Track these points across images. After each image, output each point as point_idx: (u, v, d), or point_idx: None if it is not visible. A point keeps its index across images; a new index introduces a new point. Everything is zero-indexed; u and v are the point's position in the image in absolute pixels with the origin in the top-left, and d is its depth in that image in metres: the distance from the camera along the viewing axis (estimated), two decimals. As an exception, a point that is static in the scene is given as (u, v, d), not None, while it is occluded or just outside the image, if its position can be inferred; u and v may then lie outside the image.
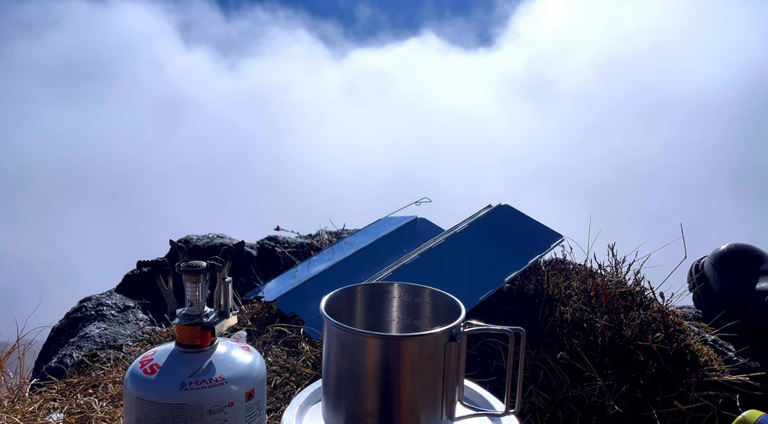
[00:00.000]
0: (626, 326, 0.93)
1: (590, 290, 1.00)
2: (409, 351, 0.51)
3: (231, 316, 0.70)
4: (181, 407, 0.59)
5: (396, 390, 0.52)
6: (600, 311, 0.96)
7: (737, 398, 0.87)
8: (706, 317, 1.09)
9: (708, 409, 0.85)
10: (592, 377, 0.88)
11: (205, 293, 0.66)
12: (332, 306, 0.57)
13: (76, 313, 1.31)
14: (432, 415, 0.53)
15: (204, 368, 0.62)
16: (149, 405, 0.60)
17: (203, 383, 0.60)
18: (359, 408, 0.53)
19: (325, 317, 0.53)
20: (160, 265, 0.68)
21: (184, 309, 0.65)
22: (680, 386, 0.87)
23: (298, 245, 1.48)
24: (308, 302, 1.13)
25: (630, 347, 0.91)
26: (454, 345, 0.53)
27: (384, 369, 0.51)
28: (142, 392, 0.60)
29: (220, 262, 0.69)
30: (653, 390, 0.87)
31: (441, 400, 0.54)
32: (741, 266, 1.07)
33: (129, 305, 1.33)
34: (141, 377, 0.61)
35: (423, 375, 0.52)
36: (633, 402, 0.86)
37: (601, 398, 0.85)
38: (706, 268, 1.11)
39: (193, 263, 0.65)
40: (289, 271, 1.30)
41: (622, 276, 1.05)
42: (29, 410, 0.88)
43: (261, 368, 0.65)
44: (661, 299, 0.99)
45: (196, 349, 0.63)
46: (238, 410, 0.61)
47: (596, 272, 1.07)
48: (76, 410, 0.87)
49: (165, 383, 0.60)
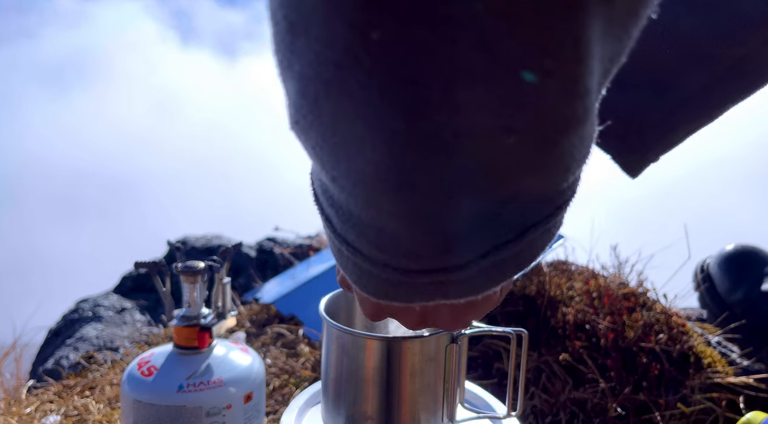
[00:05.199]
0: (629, 328, 0.93)
1: (593, 291, 0.99)
2: (410, 353, 0.50)
3: (229, 317, 0.69)
4: (179, 409, 0.58)
5: (396, 392, 0.51)
6: (603, 312, 0.95)
7: (741, 400, 0.86)
8: (711, 318, 1.09)
9: (711, 411, 0.84)
10: (595, 379, 0.87)
11: (203, 294, 0.65)
12: (332, 307, 0.56)
13: (72, 314, 1.30)
14: (433, 417, 0.53)
15: (202, 370, 0.61)
16: (147, 407, 0.59)
17: (201, 385, 0.60)
18: (359, 411, 0.52)
19: (324, 319, 0.53)
20: (157, 265, 0.68)
21: (181, 310, 0.64)
22: (683, 388, 0.86)
23: (297, 245, 1.47)
24: (307, 303, 1.12)
25: (633, 348, 0.91)
26: (455, 347, 0.52)
27: (384, 371, 0.50)
28: (139, 394, 0.60)
29: (218, 262, 0.68)
30: (656, 392, 0.86)
31: (442, 402, 0.53)
32: (747, 266, 1.06)
33: (126, 306, 1.32)
34: (138, 378, 0.61)
35: (424, 377, 0.51)
36: (636, 404, 0.85)
37: (603, 400, 0.85)
38: (712, 268, 1.10)
39: (191, 263, 0.64)
40: (288, 272, 1.29)
41: (625, 277, 1.05)
42: (26, 412, 0.87)
43: (260, 370, 0.64)
44: (664, 300, 0.99)
45: (194, 350, 0.63)
46: (236, 412, 0.61)
47: (599, 273, 1.07)
48: (73, 412, 0.87)
49: (162, 385, 0.60)
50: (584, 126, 0.24)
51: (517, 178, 0.25)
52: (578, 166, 0.27)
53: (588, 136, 0.26)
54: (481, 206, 0.26)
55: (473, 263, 0.28)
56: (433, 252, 0.27)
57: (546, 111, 0.22)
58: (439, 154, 0.23)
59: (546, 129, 0.23)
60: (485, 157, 0.23)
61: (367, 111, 0.22)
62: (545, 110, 0.22)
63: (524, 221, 0.27)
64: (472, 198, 0.25)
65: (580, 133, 0.24)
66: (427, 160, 0.23)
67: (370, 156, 0.23)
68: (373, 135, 0.23)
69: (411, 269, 0.28)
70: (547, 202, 0.27)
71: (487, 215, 0.26)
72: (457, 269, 0.28)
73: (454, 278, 0.28)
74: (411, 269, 0.28)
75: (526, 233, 0.28)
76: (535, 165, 0.24)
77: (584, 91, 0.22)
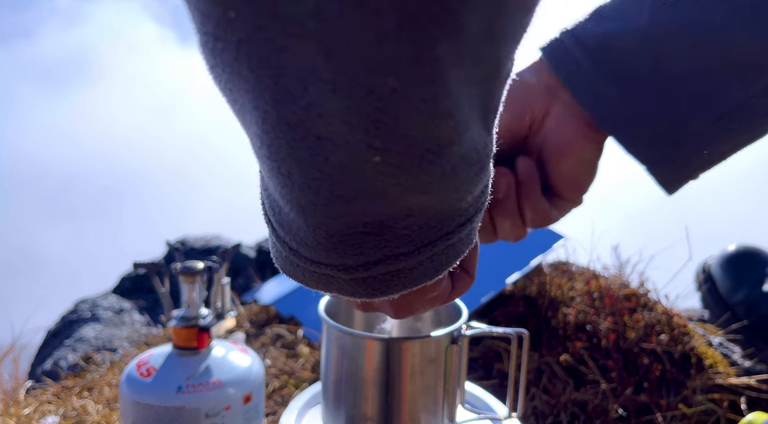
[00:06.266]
0: (630, 329, 0.92)
1: (594, 291, 0.99)
2: (410, 354, 0.50)
3: (228, 318, 0.69)
4: (178, 410, 0.58)
5: (396, 393, 0.51)
6: (604, 313, 0.95)
7: (743, 401, 0.86)
8: (712, 319, 1.08)
9: (713, 412, 0.84)
10: (596, 380, 0.87)
11: (202, 295, 0.65)
12: (331, 308, 0.56)
13: (71, 315, 1.30)
14: (433, 418, 0.53)
15: (201, 371, 0.61)
16: (145, 408, 0.59)
17: (200, 386, 0.59)
18: (359, 412, 0.52)
19: (324, 319, 0.52)
20: (156, 266, 0.67)
21: (180, 311, 0.64)
22: (685, 389, 0.86)
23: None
24: (307, 304, 1.12)
25: (634, 349, 0.90)
26: (455, 348, 0.52)
27: (384, 372, 0.50)
28: (138, 395, 0.59)
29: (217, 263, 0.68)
30: (657, 393, 0.86)
31: (442, 403, 0.53)
32: (748, 267, 1.06)
33: (125, 307, 1.32)
34: (137, 379, 0.60)
35: (424, 378, 0.51)
36: (637, 405, 0.85)
37: (604, 401, 0.84)
38: (713, 269, 1.10)
39: (190, 263, 0.64)
40: (288, 272, 1.29)
41: (626, 278, 1.04)
42: (24, 413, 0.87)
43: (259, 371, 0.64)
44: (666, 301, 0.98)
45: (193, 351, 0.62)
46: (235, 413, 0.60)
47: (600, 274, 1.06)
48: (72, 413, 0.86)
49: (161, 386, 0.59)
50: (460, 146, 0.24)
51: (400, 195, 0.25)
52: (474, 185, 0.27)
53: (474, 157, 0.25)
54: (361, 218, 0.26)
55: (362, 268, 0.28)
56: (318, 247, 0.27)
57: (403, 130, 0.22)
58: (306, 152, 0.23)
59: (411, 148, 0.23)
60: (357, 172, 0.23)
61: (246, 85, 0.21)
62: (402, 130, 0.22)
63: (420, 236, 0.27)
64: (348, 208, 0.25)
65: (458, 153, 0.24)
66: (295, 152, 0.23)
67: (257, 132, 0.23)
68: (250, 112, 0.22)
69: (304, 256, 0.28)
70: (446, 219, 0.27)
71: (374, 225, 0.26)
72: (344, 269, 0.28)
73: (343, 276, 0.28)
74: (304, 256, 0.28)
75: (422, 248, 0.28)
76: (416, 184, 0.24)
77: (445, 112, 0.22)
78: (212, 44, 0.21)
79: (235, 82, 0.22)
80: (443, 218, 0.27)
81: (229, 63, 0.21)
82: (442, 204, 0.26)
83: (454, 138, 0.23)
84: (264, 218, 0.30)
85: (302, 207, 0.25)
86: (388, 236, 0.27)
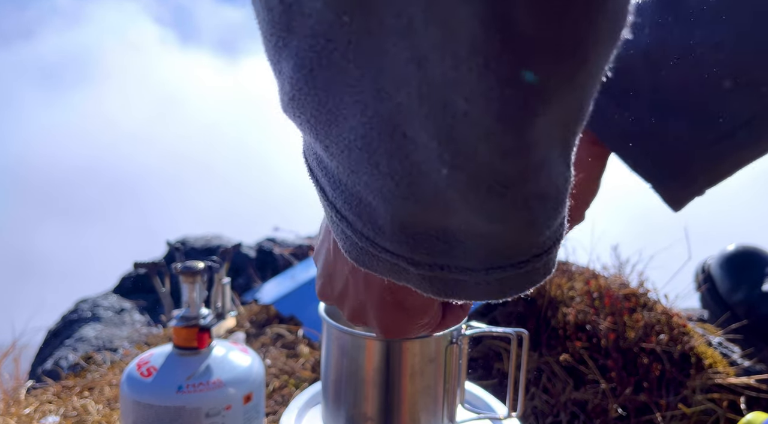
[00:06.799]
0: (630, 328, 0.93)
1: (593, 291, 0.99)
2: (410, 354, 0.50)
3: (228, 318, 0.69)
4: (178, 410, 0.58)
5: (396, 393, 0.51)
6: (603, 312, 0.95)
7: (742, 401, 0.86)
8: (712, 319, 1.08)
9: (712, 412, 0.84)
10: (595, 379, 0.87)
11: (203, 295, 0.65)
12: (331, 308, 0.56)
13: (71, 314, 1.30)
14: (433, 418, 0.53)
15: (201, 371, 0.61)
16: (146, 408, 0.59)
17: (201, 386, 0.59)
18: (359, 411, 0.52)
19: (324, 319, 0.52)
20: (156, 266, 0.67)
21: (181, 311, 0.64)
22: (684, 388, 0.86)
23: (296, 245, 1.47)
24: (307, 303, 1.12)
25: (634, 349, 0.90)
26: (455, 348, 0.52)
27: (384, 372, 0.50)
28: (138, 395, 0.59)
29: (217, 263, 0.68)
30: (657, 393, 0.86)
31: (442, 403, 0.53)
32: (748, 267, 1.06)
33: (125, 307, 1.32)
34: (137, 379, 0.60)
35: (424, 378, 0.51)
36: (636, 405, 0.85)
37: (604, 400, 0.84)
38: (713, 269, 1.10)
39: (190, 263, 0.64)
40: (288, 272, 1.29)
41: (625, 277, 1.04)
42: (25, 413, 0.87)
43: (259, 371, 0.64)
44: (665, 301, 0.98)
45: (193, 351, 0.62)
46: (236, 413, 0.60)
47: (599, 274, 1.06)
48: (72, 413, 0.86)
49: (162, 385, 0.60)
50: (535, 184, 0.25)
51: (469, 216, 0.25)
52: (551, 219, 0.27)
53: (551, 193, 0.26)
54: (432, 222, 0.27)
55: (428, 267, 0.29)
56: (393, 236, 0.28)
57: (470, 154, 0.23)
58: (394, 145, 0.24)
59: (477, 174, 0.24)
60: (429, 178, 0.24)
61: (350, 81, 0.23)
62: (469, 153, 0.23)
63: (490, 258, 0.28)
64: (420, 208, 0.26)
65: (531, 189, 0.25)
66: (385, 144, 0.24)
67: (353, 124, 0.25)
68: (354, 107, 0.24)
69: (377, 243, 0.29)
70: (520, 248, 0.28)
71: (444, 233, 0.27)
72: (413, 263, 0.29)
73: (412, 270, 0.29)
74: (377, 243, 0.29)
75: (491, 270, 0.29)
76: (483, 210, 0.25)
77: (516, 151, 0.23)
78: (321, 45, 0.23)
79: (338, 78, 0.24)
80: (516, 246, 0.28)
81: (336, 62, 0.23)
82: (515, 234, 0.27)
83: (528, 176, 0.24)
84: (334, 216, 0.31)
85: (384, 195, 0.26)
86: (458, 248, 0.28)
